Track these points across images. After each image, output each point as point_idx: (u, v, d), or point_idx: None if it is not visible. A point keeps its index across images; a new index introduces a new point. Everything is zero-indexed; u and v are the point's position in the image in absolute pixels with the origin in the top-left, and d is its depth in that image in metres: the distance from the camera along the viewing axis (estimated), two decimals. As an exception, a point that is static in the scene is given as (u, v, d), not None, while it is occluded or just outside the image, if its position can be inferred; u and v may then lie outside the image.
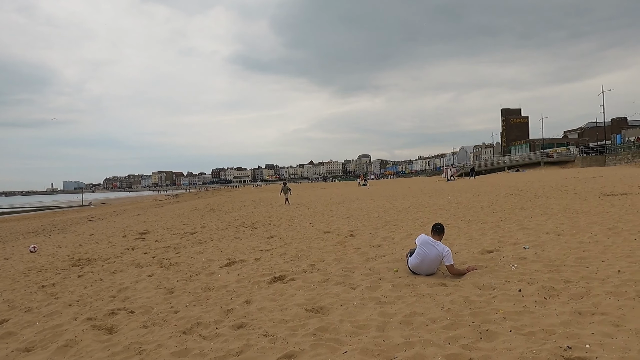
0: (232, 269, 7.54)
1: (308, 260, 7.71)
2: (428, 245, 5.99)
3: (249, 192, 70.78)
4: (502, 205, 14.41)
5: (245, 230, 13.27)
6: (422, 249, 5.99)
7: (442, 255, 5.88)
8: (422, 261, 5.98)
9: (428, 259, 5.95)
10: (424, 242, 6.05)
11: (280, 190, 27.08)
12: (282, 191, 26.71)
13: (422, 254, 5.98)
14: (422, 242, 6.07)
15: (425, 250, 5.96)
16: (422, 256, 5.97)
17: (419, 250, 6.03)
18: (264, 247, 9.61)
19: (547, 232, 8.54)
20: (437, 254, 5.92)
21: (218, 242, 11.22)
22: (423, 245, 6.03)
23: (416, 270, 6.04)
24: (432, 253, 5.94)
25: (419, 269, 6.02)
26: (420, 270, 6.02)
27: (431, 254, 5.94)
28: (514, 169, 63.73)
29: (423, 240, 6.10)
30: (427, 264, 5.98)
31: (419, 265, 6.02)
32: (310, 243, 9.76)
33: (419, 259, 6.00)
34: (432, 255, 5.95)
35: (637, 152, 49.02)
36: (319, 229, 12.27)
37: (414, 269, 6.07)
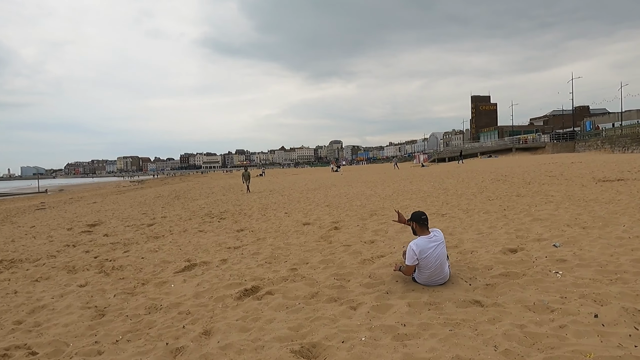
0: (191, 275, 5.91)
1: (288, 263, 6.16)
2: (431, 247, 4.51)
3: (219, 178, 68.26)
4: (495, 192, 13.24)
5: (212, 222, 11.57)
6: (429, 260, 4.49)
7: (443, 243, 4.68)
8: (435, 270, 4.51)
9: (441, 263, 4.51)
10: (424, 249, 4.50)
11: (242, 176, 24.53)
12: (242, 178, 24.34)
13: (431, 265, 4.49)
14: (422, 251, 4.50)
15: (432, 256, 4.48)
16: (433, 266, 4.49)
17: (425, 263, 4.51)
18: (233, 244, 7.99)
19: (567, 224, 7.29)
20: (444, 245, 4.65)
21: (178, 236, 9.50)
22: (425, 253, 4.49)
23: (432, 282, 4.58)
24: (442, 253, 4.52)
25: (435, 279, 4.57)
26: (437, 281, 4.57)
27: (442, 254, 4.52)
28: (486, 155, 63.84)
29: (422, 249, 4.51)
30: (442, 268, 4.53)
31: (432, 277, 4.55)
32: (289, 238, 8.20)
33: (430, 270, 4.51)
34: (444, 255, 4.56)
35: (606, 139, 49.70)
36: (297, 219, 10.72)
37: (428, 283, 4.60)
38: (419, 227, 4.72)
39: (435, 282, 4.54)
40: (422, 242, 4.55)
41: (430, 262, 4.46)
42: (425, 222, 4.72)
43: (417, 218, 4.74)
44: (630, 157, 32.03)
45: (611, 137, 49.03)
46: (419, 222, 4.71)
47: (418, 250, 4.49)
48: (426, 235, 4.64)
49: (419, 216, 4.74)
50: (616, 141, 46.12)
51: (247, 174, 24.36)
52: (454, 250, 6.11)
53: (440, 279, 4.55)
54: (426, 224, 4.73)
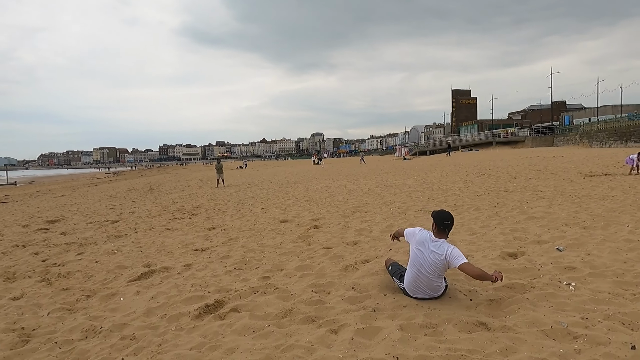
0: (147, 284, 5.10)
1: (260, 269, 5.41)
2: (424, 245, 3.86)
3: (198, 170, 66.75)
4: (482, 187, 12.73)
5: (182, 218, 10.70)
6: (417, 253, 3.87)
7: (446, 260, 3.77)
8: (418, 274, 3.84)
9: (425, 270, 3.82)
10: (421, 241, 3.89)
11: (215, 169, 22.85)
12: (216, 170, 22.82)
13: (417, 263, 3.85)
14: (419, 241, 3.90)
15: (421, 254, 3.84)
16: (418, 266, 3.85)
17: (414, 254, 3.89)
18: (201, 245, 7.19)
19: (565, 223, 6.74)
20: (439, 260, 3.77)
21: (142, 235, 8.63)
22: (419, 245, 3.89)
23: (413, 292, 3.92)
24: (429, 259, 3.81)
25: (417, 289, 3.90)
26: (418, 291, 3.90)
27: (428, 260, 3.82)
28: (467, 149, 64.01)
29: (420, 238, 3.91)
30: (424, 278, 3.84)
31: (415, 282, 3.88)
32: (263, 238, 7.44)
33: (414, 270, 3.86)
34: (430, 263, 3.81)
35: (584, 133, 50.24)
36: (274, 216, 9.95)
37: (411, 291, 3.94)
38: (438, 230, 3.92)
39: (419, 292, 3.91)
40: (425, 235, 3.97)
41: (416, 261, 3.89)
42: (446, 226, 3.90)
43: (439, 219, 3.93)
44: (609, 151, 32.24)
45: (589, 131, 49.57)
46: (439, 225, 3.91)
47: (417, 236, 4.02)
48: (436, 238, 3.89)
49: (442, 219, 3.92)
50: (594, 136, 46.65)
51: (220, 166, 22.95)
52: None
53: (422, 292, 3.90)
54: (445, 228, 3.91)
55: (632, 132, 39.97)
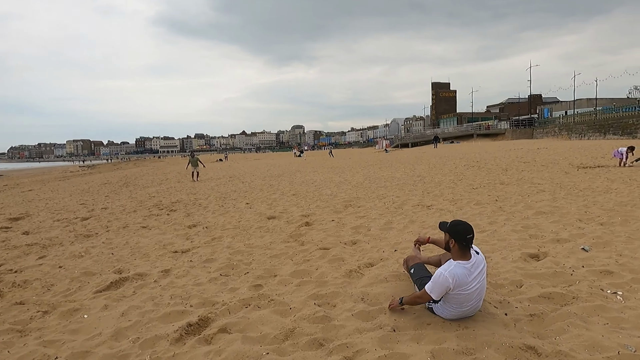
0: (117, 296, 4.35)
1: (250, 275, 4.72)
2: (473, 280, 3.12)
3: (176, 163, 65.03)
4: (475, 180, 12.27)
5: (160, 215, 9.88)
6: (467, 296, 3.12)
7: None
8: (471, 306, 3.18)
9: (481, 297, 3.21)
10: (463, 282, 3.08)
11: (188, 163, 21.61)
12: (189, 164, 21.44)
13: (468, 302, 3.15)
14: (459, 284, 3.07)
15: (473, 290, 3.11)
16: (470, 304, 3.16)
17: (461, 299, 3.13)
18: (181, 246, 6.43)
19: (578, 218, 6.25)
20: (485, 278, 3.24)
21: (115, 234, 7.80)
22: (464, 286, 3.09)
23: (459, 317, 3.26)
24: (484, 285, 3.22)
25: (466, 313, 3.24)
26: (466, 314, 3.26)
27: (484, 286, 3.23)
28: (449, 141, 64.18)
29: (460, 281, 3.07)
30: (479, 303, 3.23)
31: (462, 313, 3.21)
32: (250, 237, 6.73)
33: (464, 307, 3.17)
34: (485, 286, 3.25)
35: (563, 126, 50.84)
36: (260, 211, 9.24)
37: (453, 318, 3.24)
38: (460, 248, 3.12)
39: (463, 316, 3.25)
40: (462, 272, 3.06)
41: (469, 298, 3.10)
42: (470, 242, 3.15)
43: (459, 235, 3.11)
44: (590, 143, 32.49)
45: (568, 124, 50.18)
46: (461, 242, 3.11)
47: (455, 284, 3.04)
48: (466, 261, 3.12)
49: (464, 234, 3.11)
50: (573, 128, 47.20)
51: (195, 160, 21.71)
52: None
53: (471, 312, 3.26)
54: (471, 245, 3.17)
55: (610, 125, 40.51)
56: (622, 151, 13.09)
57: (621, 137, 36.83)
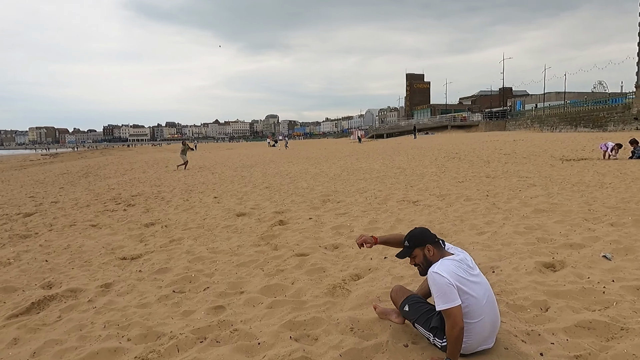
0: (35, 323, 3.38)
1: (210, 292, 3.83)
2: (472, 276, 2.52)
3: (145, 152, 62.72)
4: (459, 172, 11.66)
5: (115, 210, 8.80)
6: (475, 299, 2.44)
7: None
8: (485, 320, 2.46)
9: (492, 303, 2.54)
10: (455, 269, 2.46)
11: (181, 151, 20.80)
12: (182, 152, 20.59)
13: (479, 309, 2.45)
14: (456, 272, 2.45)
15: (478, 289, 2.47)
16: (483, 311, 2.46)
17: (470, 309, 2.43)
18: (131, 250, 5.46)
19: (584, 218, 5.61)
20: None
21: (58, 234, 6.73)
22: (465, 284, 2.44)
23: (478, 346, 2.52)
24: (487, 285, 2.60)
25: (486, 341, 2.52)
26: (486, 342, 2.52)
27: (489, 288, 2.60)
28: (424, 132, 64.22)
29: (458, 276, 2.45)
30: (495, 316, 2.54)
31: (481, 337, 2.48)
32: (215, 239, 5.81)
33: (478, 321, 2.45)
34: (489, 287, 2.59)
35: (535, 118, 51.49)
36: (229, 207, 8.30)
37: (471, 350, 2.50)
38: (437, 247, 2.63)
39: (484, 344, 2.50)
40: (451, 264, 2.47)
41: (478, 303, 2.42)
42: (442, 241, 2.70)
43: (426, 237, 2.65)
44: (564, 135, 32.76)
45: (540, 116, 50.83)
46: (433, 240, 2.65)
47: (453, 278, 2.40)
48: (451, 257, 2.55)
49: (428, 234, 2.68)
50: (545, 120, 47.81)
51: (186, 148, 20.80)
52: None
53: (490, 338, 2.52)
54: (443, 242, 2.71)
55: (581, 118, 41.10)
56: (608, 145, 12.78)
57: (592, 130, 37.39)
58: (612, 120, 36.04)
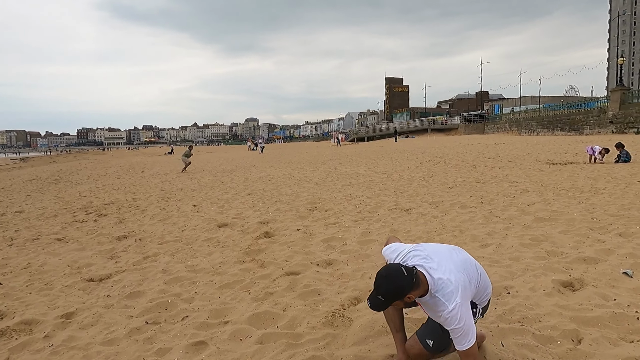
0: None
1: (189, 324, 3.32)
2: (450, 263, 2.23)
3: (121, 155, 61.10)
4: (447, 177, 11.37)
5: (85, 221, 8.14)
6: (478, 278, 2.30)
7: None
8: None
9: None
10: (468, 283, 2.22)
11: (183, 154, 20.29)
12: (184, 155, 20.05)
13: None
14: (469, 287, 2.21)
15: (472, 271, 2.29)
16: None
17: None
18: (100, 270, 4.88)
19: (589, 227, 5.31)
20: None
21: (18, 250, 6.06)
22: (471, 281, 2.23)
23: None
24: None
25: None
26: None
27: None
28: (404, 135, 64.48)
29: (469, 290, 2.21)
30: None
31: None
32: (195, 255, 5.28)
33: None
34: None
35: (513, 121, 52.26)
36: (209, 217, 7.76)
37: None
38: (417, 290, 2.13)
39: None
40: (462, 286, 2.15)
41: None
42: (414, 269, 2.20)
43: (406, 287, 2.09)
44: (542, 138, 33.19)
45: (518, 120, 51.61)
46: (414, 286, 2.11)
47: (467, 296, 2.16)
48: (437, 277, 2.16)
49: (407, 281, 2.09)
50: (523, 124, 48.54)
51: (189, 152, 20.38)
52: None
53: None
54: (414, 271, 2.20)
55: (558, 121, 41.82)
56: (595, 149, 12.72)
57: (569, 133, 38.06)
58: (588, 124, 36.74)
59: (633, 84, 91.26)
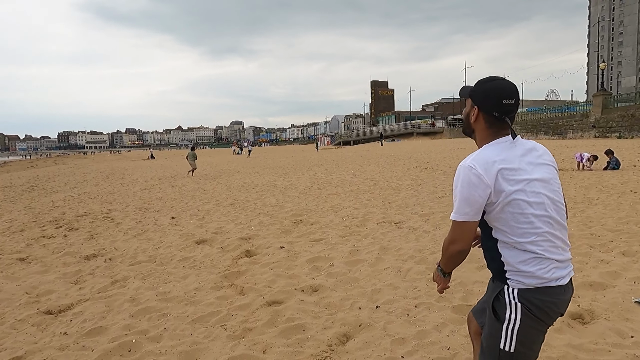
0: None
1: (154, 370, 2.88)
2: (509, 152, 1.74)
3: (103, 159, 59.77)
4: (436, 185, 11.09)
5: (54, 236, 7.59)
6: (526, 186, 1.66)
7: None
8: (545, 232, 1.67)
9: (556, 206, 1.73)
10: (494, 156, 1.69)
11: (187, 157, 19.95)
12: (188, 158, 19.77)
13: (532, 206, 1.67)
14: (496, 160, 1.66)
15: (531, 179, 1.68)
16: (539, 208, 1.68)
17: (519, 198, 1.65)
18: (61, 299, 4.40)
19: (590, 245, 5.03)
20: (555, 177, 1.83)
21: (-26, 273, 5.52)
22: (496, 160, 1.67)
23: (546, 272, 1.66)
24: (553, 184, 1.78)
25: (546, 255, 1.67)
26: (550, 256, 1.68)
27: (554, 186, 1.78)
28: (390, 139, 64.54)
29: (491, 158, 1.67)
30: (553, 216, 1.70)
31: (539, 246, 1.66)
32: (168, 279, 4.83)
33: (529, 223, 1.67)
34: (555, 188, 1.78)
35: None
36: (187, 231, 7.30)
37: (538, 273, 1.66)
38: (488, 125, 1.77)
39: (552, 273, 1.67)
40: (493, 150, 1.72)
41: (539, 209, 1.65)
42: (509, 113, 1.74)
43: (488, 98, 1.74)
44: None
45: (502, 124, 51.94)
46: (490, 111, 1.74)
47: (485, 171, 1.64)
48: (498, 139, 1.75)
49: (496, 96, 1.71)
50: (507, 128, 48.84)
51: (193, 154, 19.99)
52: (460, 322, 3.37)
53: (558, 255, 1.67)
54: (510, 121, 1.78)
55: (541, 125, 42.21)
56: (584, 156, 12.59)
57: (552, 137, 38.39)
58: (571, 128, 37.11)
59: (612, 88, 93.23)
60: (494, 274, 1.78)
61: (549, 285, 1.63)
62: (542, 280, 1.62)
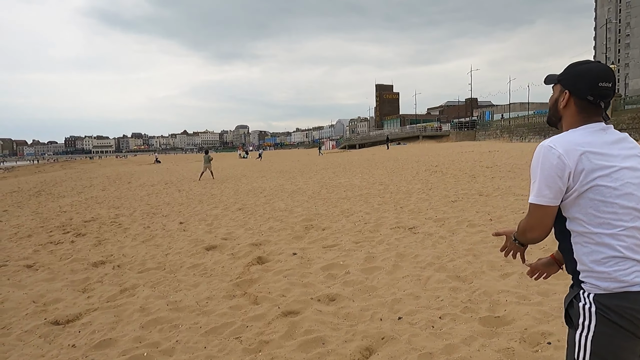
0: None
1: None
2: (599, 137, 1.56)
3: (109, 164, 59.98)
4: (447, 189, 10.89)
5: (61, 242, 7.47)
6: (614, 171, 1.49)
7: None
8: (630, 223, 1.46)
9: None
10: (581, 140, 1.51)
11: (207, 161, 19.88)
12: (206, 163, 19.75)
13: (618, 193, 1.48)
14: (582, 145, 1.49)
15: (621, 168, 1.50)
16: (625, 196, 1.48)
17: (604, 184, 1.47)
18: (69, 308, 4.25)
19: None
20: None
21: (-20, 280, 5.39)
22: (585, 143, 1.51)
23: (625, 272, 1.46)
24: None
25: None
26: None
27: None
28: (396, 142, 64.31)
29: (577, 143, 1.49)
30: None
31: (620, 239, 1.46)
32: (179, 288, 4.67)
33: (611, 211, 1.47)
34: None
35: (504, 128, 52.31)
36: (196, 237, 7.15)
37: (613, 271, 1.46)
38: (579, 111, 1.58)
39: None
40: (582, 135, 1.54)
41: (626, 197, 1.45)
42: (604, 98, 1.55)
43: (582, 81, 1.55)
44: (534, 145, 32.85)
45: (509, 126, 51.63)
46: (583, 96, 1.55)
47: (568, 154, 1.48)
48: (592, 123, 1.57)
49: (591, 79, 1.53)
50: (514, 130, 48.53)
51: (208, 157, 20.06)
52: (489, 335, 3.19)
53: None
54: (606, 107, 1.59)
55: (549, 128, 41.65)
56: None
57: (561, 140, 37.95)
58: (579, 130, 36.70)
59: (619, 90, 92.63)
60: (572, 278, 1.61)
61: (630, 291, 1.42)
62: (621, 284, 1.42)
